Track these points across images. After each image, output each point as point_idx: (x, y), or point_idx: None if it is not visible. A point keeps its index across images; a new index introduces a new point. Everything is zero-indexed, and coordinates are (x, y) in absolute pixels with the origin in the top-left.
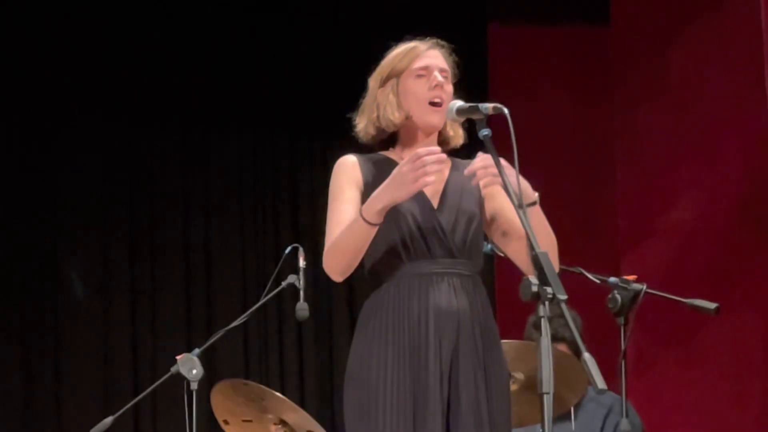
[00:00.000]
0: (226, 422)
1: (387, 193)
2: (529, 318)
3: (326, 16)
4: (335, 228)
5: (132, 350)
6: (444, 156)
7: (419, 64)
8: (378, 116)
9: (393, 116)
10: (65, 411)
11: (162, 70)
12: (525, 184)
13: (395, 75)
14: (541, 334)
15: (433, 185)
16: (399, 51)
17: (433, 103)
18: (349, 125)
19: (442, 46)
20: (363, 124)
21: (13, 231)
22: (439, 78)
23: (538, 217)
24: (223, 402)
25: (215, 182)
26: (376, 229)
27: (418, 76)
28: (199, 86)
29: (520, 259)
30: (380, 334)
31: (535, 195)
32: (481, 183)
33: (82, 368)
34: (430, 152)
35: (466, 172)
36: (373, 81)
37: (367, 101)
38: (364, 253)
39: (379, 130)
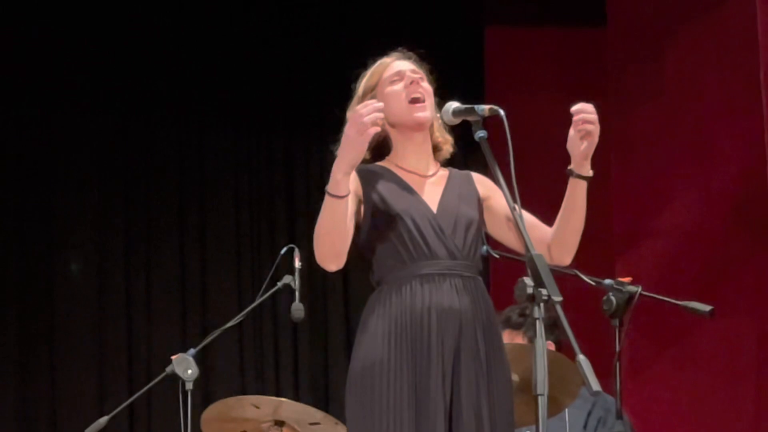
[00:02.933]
0: None
1: (342, 160)
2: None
3: (325, 17)
4: None
5: (127, 350)
6: (381, 105)
7: (391, 72)
8: None
9: None
10: (60, 411)
11: (158, 68)
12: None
13: (369, 91)
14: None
15: (431, 192)
16: (368, 72)
17: (413, 100)
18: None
19: (410, 57)
20: None
21: (9, 227)
22: (414, 76)
23: (582, 195)
24: (214, 425)
25: (211, 182)
26: (345, 202)
27: (391, 82)
28: (195, 86)
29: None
30: (382, 334)
31: (591, 171)
32: (574, 130)
33: (77, 368)
34: (365, 105)
35: (572, 110)
36: (350, 112)
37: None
38: (350, 236)
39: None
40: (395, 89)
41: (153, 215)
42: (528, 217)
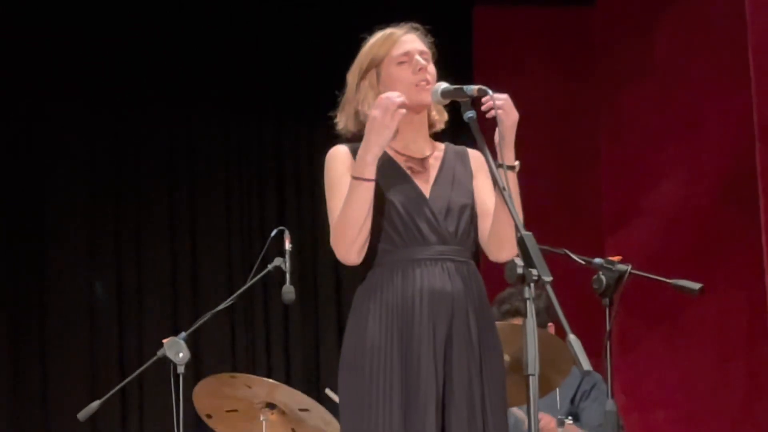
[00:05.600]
0: (209, 416)
1: (370, 143)
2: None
3: (315, 0)
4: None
5: (118, 334)
6: (403, 97)
7: (399, 51)
8: (357, 112)
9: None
10: (52, 395)
11: (148, 53)
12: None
13: (375, 65)
14: (501, 313)
15: (425, 175)
16: (375, 41)
17: (419, 85)
18: (336, 106)
19: (417, 29)
20: (343, 122)
21: (0, 212)
22: (422, 61)
23: (512, 184)
24: (205, 399)
25: (201, 166)
26: (372, 186)
27: (399, 63)
28: (185, 70)
29: (482, 237)
30: (373, 318)
31: (516, 162)
32: (483, 107)
33: (69, 352)
34: (390, 95)
35: (484, 107)
36: (351, 76)
37: (347, 97)
38: (370, 223)
39: (360, 124)
40: (402, 73)
41: (143, 200)
42: (486, 206)
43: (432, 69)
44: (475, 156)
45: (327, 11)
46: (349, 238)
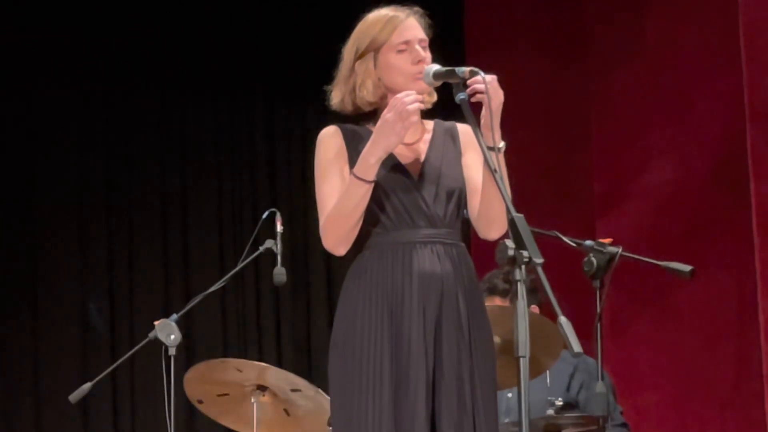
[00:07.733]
0: (200, 402)
1: (378, 145)
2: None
3: None
4: (328, 201)
5: (110, 316)
6: (420, 96)
7: (399, 38)
8: (355, 93)
9: (369, 97)
10: (43, 376)
11: (138, 34)
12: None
13: (373, 49)
14: (487, 296)
15: (414, 158)
16: (376, 22)
17: (415, 77)
18: (327, 90)
19: (416, 12)
20: (339, 99)
21: None
22: (422, 53)
23: (500, 165)
24: (196, 385)
25: (192, 148)
26: (371, 187)
27: (399, 51)
28: (176, 52)
29: (472, 214)
30: (363, 301)
31: (501, 142)
32: (468, 90)
33: (60, 334)
34: (407, 95)
35: (469, 90)
36: (348, 53)
37: (343, 73)
38: (362, 220)
39: (357, 107)
40: (401, 63)
41: (135, 183)
42: (475, 183)
43: (429, 58)
44: (464, 131)
45: None
46: (340, 233)
